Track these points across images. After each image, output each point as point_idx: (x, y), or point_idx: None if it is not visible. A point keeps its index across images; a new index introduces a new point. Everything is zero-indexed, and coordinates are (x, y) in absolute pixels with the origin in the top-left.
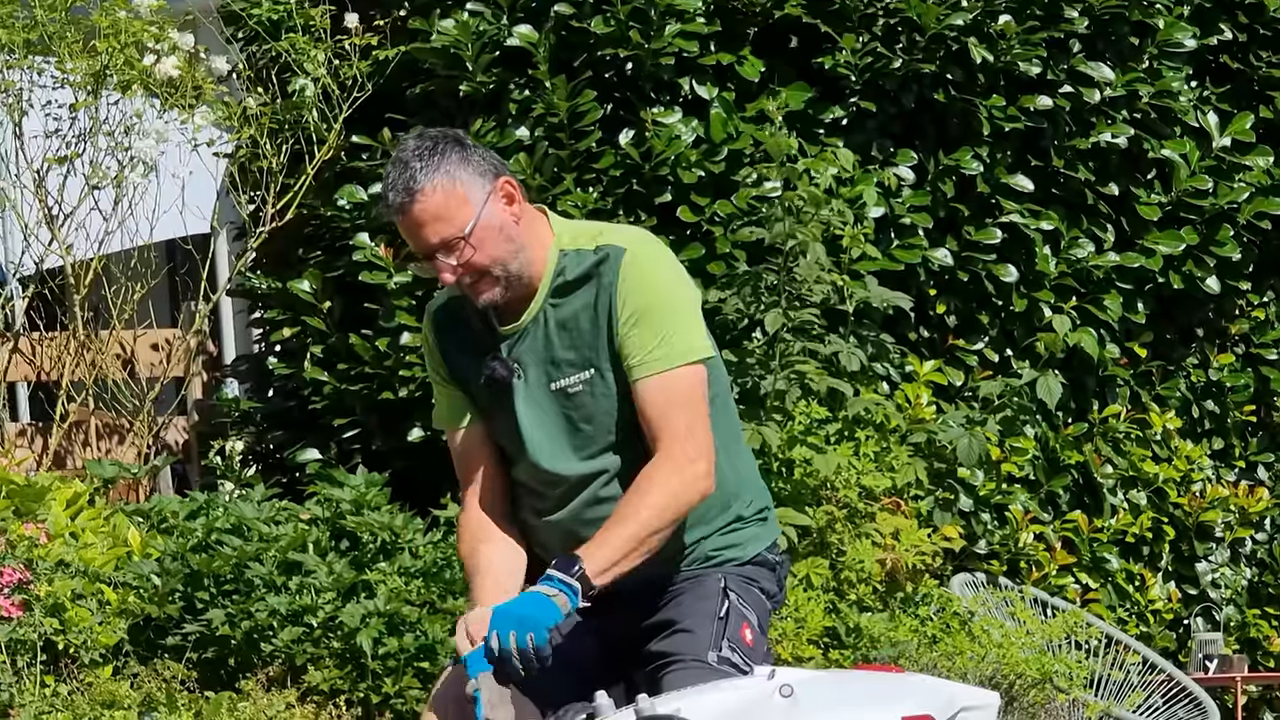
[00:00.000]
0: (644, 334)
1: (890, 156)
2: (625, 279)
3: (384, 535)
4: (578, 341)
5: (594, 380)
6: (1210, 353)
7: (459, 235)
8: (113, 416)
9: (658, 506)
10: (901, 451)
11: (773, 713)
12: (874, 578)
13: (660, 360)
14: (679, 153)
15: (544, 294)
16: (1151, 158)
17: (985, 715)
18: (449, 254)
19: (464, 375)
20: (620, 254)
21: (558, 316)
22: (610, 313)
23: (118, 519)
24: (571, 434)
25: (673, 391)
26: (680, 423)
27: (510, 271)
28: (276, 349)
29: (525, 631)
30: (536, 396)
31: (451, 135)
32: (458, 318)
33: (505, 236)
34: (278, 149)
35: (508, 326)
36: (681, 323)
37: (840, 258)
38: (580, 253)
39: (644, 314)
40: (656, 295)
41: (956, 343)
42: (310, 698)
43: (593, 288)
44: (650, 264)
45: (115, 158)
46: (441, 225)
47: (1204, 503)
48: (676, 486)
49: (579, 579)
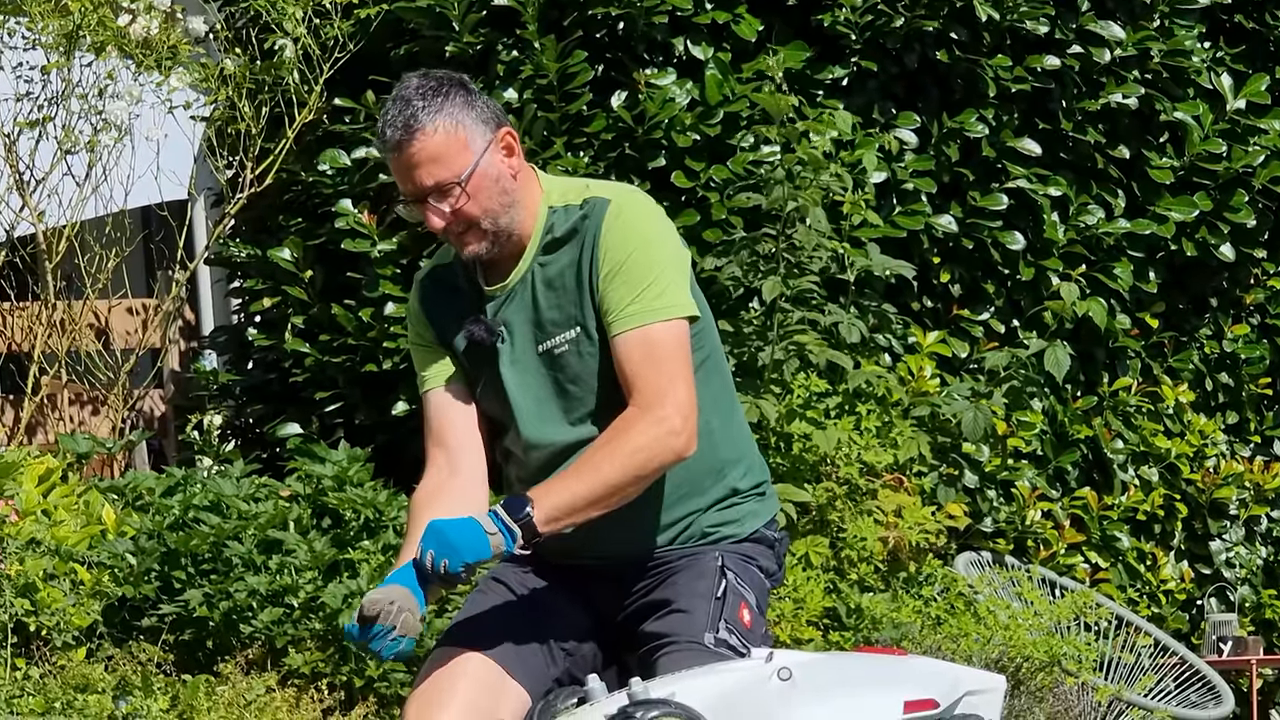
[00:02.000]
0: (622, 288)
1: (892, 119)
2: (608, 231)
3: (367, 512)
4: (563, 300)
5: (579, 339)
6: (1224, 323)
7: (454, 180)
8: (86, 389)
9: (623, 461)
10: (904, 426)
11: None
12: (876, 557)
13: (637, 315)
14: (673, 116)
15: (532, 253)
16: (1163, 120)
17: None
18: (441, 199)
19: (449, 340)
20: (604, 206)
21: (545, 275)
22: (592, 266)
23: (91, 496)
24: (559, 397)
25: (652, 346)
26: (657, 378)
27: (500, 226)
28: (256, 319)
29: (442, 557)
30: (523, 360)
31: (457, 78)
32: (447, 284)
33: (501, 189)
34: (257, 112)
35: (494, 286)
36: (663, 277)
37: (840, 224)
38: (568, 209)
39: (623, 267)
40: (638, 249)
41: (961, 313)
42: (291, 681)
43: (577, 243)
44: (634, 216)
45: (88, 121)
46: (438, 168)
47: (1218, 479)
48: (646, 442)
49: (523, 525)
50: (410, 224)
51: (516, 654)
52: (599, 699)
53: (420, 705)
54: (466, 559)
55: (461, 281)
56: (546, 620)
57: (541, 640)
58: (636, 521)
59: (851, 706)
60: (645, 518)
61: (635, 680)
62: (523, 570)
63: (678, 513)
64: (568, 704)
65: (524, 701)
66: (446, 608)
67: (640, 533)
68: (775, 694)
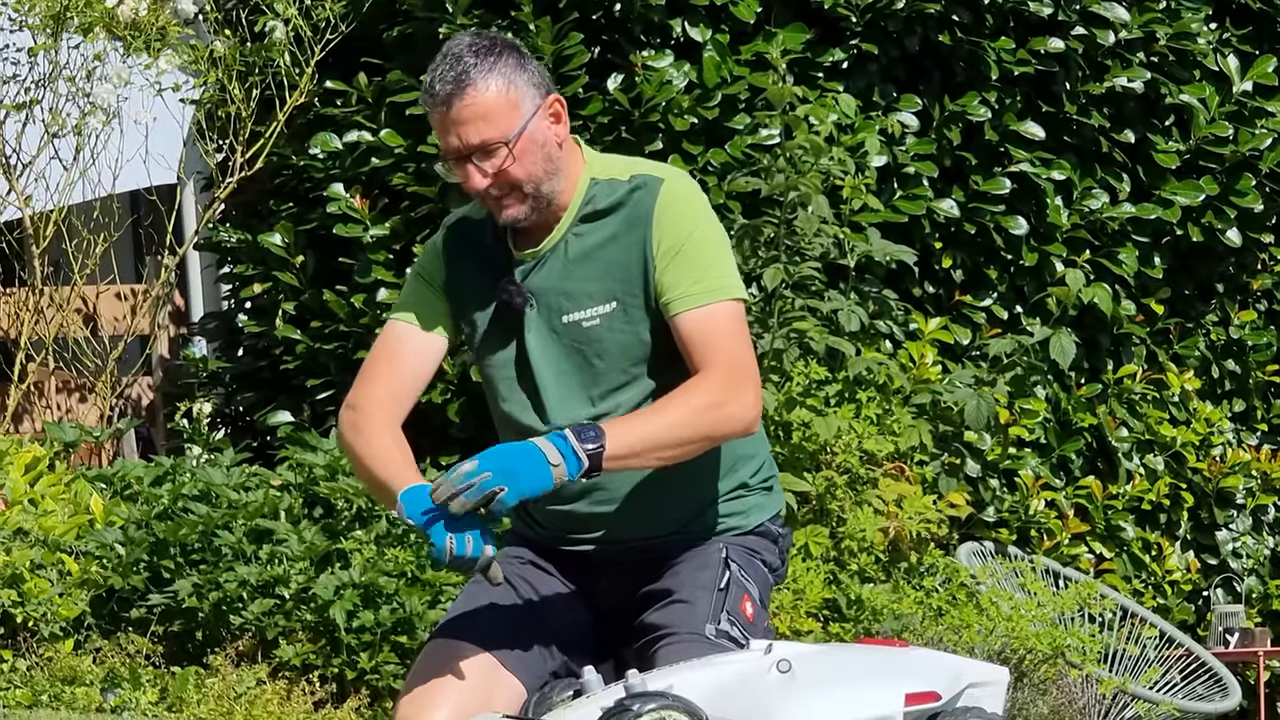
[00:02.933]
0: (685, 267)
1: (893, 102)
2: (664, 211)
3: (359, 502)
4: (600, 273)
5: (614, 315)
6: (1231, 309)
7: (501, 140)
8: (74, 376)
9: (696, 417)
10: (905, 414)
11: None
12: (876, 547)
13: (702, 294)
14: (670, 98)
15: (569, 222)
16: (1169, 103)
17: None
18: (486, 159)
19: (463, 293)
20: (657, 184)
21: (580, 246)
22: (645, 244)
23: (79, 485)
24: (582, 369)
25: (718, 320)
26: (727, 349)
27: (541, 192)
28: (246, 306)
29: (498, 483)
30: (546, 328)
31: (510, 41)
32: (475, 236)
33: (546, 155)
34: (247, 94)
35: (525, 252)
36: (722, 259)
37: (840, 209)
38: (612, 183)
39: (684, 248)
40: (698, 229)
41: (963, 299)
42: (281, 673)
43: (623, 217)
44: (691, 198)
45: (76, 104)
46: (485, 126)
47: (1224, 468)
48: (720, 401)
49: (592, 455)
50: (403, 209)
51: (512, 647)
52: (595, 691)
53: (414, 699)
54: (525, 491)
55: (489, 239)
56: (544, 613)
57: (538, 633)
58: (644, 506)
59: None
60: (653, 502)
61: (632, 672)
62: (520, 562)
63: (686, 501)
64: (563, 697)
65: (520, 695)
66: (440, 599)
67: (647, 518)
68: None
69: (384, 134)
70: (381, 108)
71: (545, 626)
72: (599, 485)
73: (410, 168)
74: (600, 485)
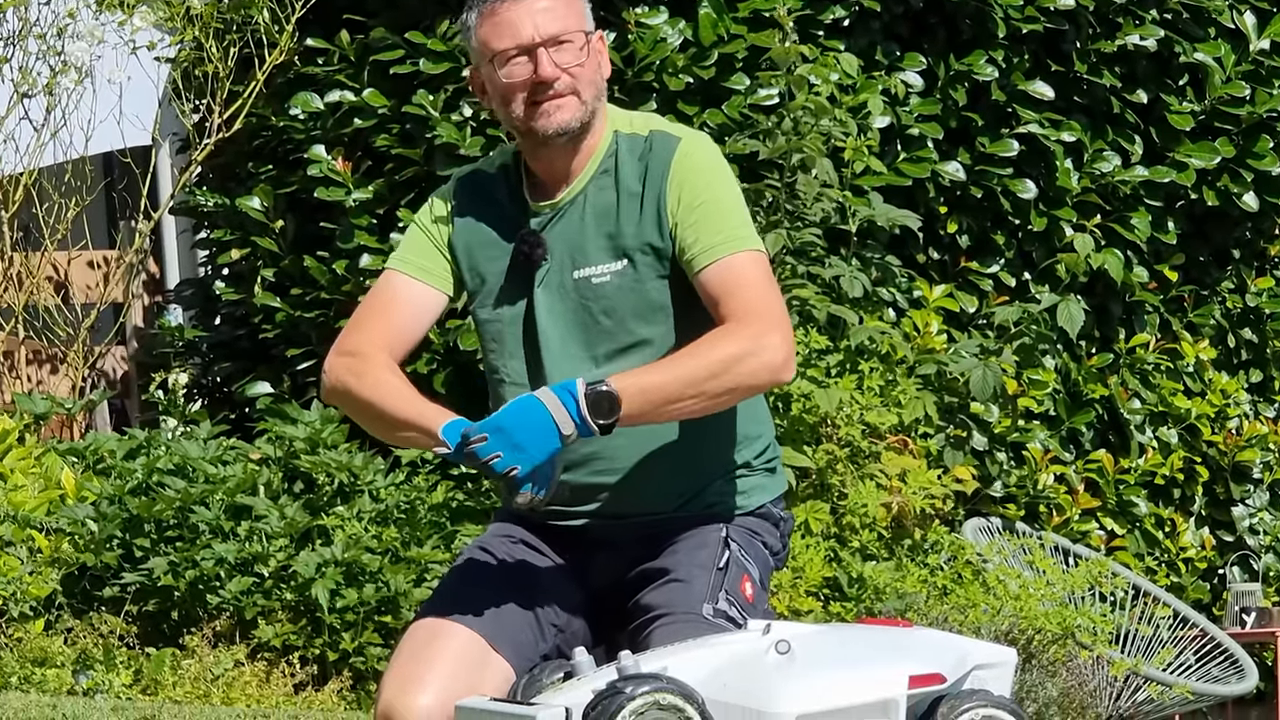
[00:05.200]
0: (705, 222)
1: (896, 61)
2: (680, 167)
3: (341, 476)
4: (613, 229)
5: (624, 271)
6: (1248, 276)
7: (581, 30)
8: (45, 346)
9: (715, 362)
10: (909, 385)
11: (767, 671)
12: (879, 523)
13: (725, 245)
14: (664, 57)
15: (591, 173)
16: (1183, 62)
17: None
18: (559, 50)
19: (473, 247)
20: (673, 142)
21: (597, 201)
22: (659, 201)
23: (50, 459)
24: (588, 328)
25: (743, 270)
26: (755, 298)
27: (591, 111)
28: (224, 272)
29: (510, 464)
30: (556, 284)
31: None
32: (485, 190)
33: (600, 76)
34: (224, 52)
35: (543, 203)
36: (740, 212)
37: (842, 172)
38: (633, 138)
39: (703, 204)
40: (716, 186)
41: (969, 265)
42: (261, 654)
43: (638, 173)
44: (708, 155)
45: (47, 63)
46: (560, 18)
47: (1240, 441)
48: (744, 351)
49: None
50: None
51: (503, 628)
52: (587, 673)
53: (398, 682)
54: (537, 460)
55: (502, 193)
56: (536, 593)
57: (529, 614)
58: (644, 477)
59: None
60: (654, 474)
61: (625, 654)
62: (511, 540)
63: (687, 475)
64: (553, 679)
65: (509, 678)
66: (426, 577)
67: (646, 491)
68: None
69: (367, 94)
70: (364, 66)
71: (537, 607)
72: (599, 455)
73: (394, 129)
74: (600, 454)
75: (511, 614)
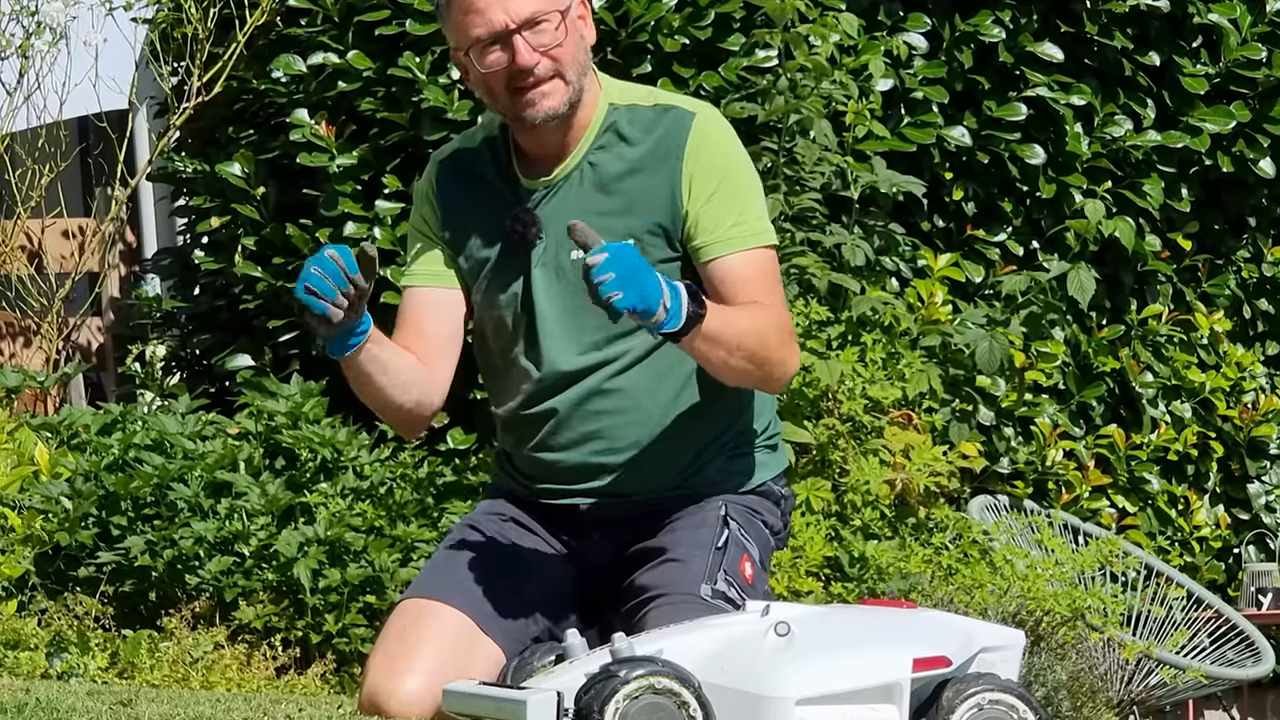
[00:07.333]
0: (721, 209)
1: (899, 21)
2: (697, 147)
3: (324, 452)
4: (620, 207)
5: None
6: (1264, 245)
7: (557, 9)
8: (17, 317)
9: (773, 337)
10: (913, 357)
11: (766, 653)
12: (882, 501)
13: (741, 238)
14: (659, 17)
15: (586, 147)
16: (1197, 23)
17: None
18: (536, 32)
19: (463, 231)
20: (688, 119)
21: (597, 176)
22: (673, 180)
23: (23, 434)
24: (588, 310)
25: (758, 267)
26: (774, 296)
27: (579, 88)
28: (203, 241)
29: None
30: (553, 264)
31: None
32: (470, 168)
33: (584, 48)
34: (204, 13)
35: (537, 180)
36: (756, 201)
37: (844, 137)
38: (634, 109)
39: (720, 188)
40: (733, 169)
41: (975, 233)
42: (241, 636)
43: (649, 149)
44: (723, 135)
45: (20, 23)
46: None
47: (1257, 415)
48: (781, 335)
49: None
50: (372, 136)
51: (493, 610)
52: (579, 656)
53: (384, 666)
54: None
55: (488, 170)
56: (527, 574)
57: (521, 595)
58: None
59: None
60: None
61: (619, 636)
62: (501, 519)
63: (688, 453)
64: (544, 662)
65: (499, 662)
66: (413, 556)
67: (646, 471)
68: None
69: (351, 56)
70: (349, 27)
71: (528, 588)
72: (598, 434)
73: (380, 92)
74: (600, 434)
75: (502, 595)
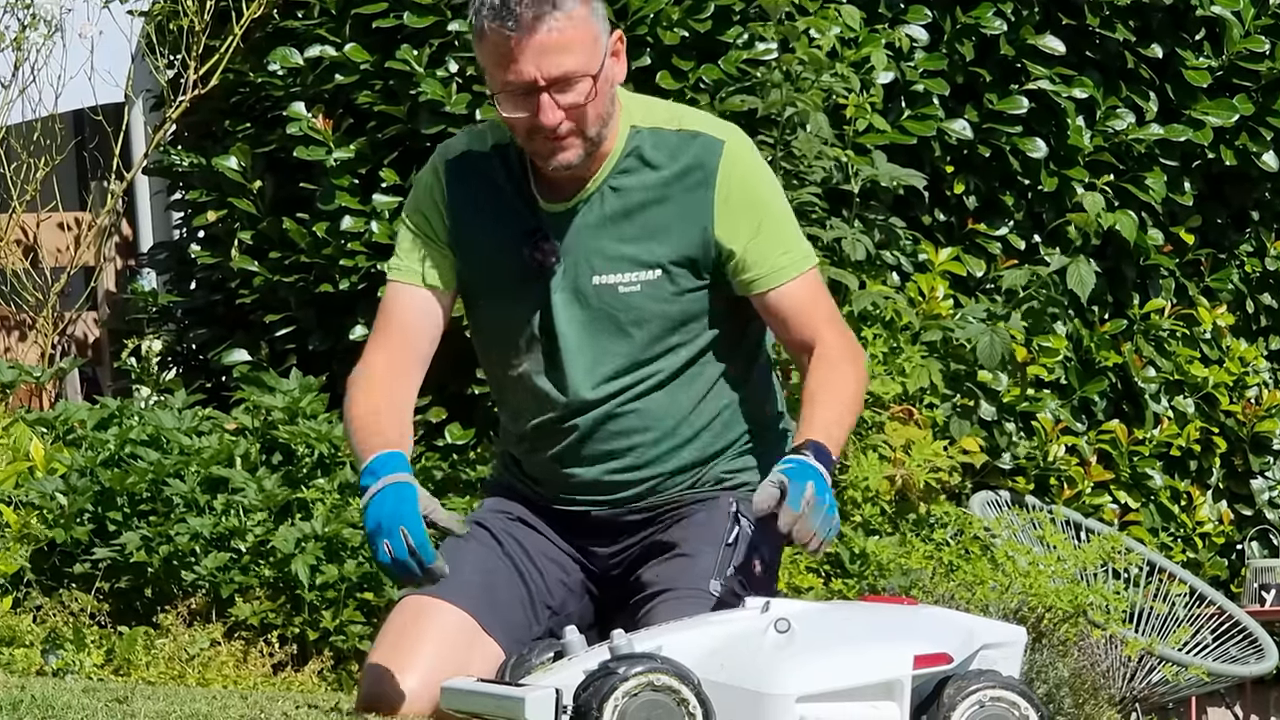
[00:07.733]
0: (769, 243)
1: (900, 13)
2: (727, 177)
3: (321, 447)
4: (644, 235)
5: (658, 283)
6: (1267, 239)
7: (587, 73)
8: (12, 312)
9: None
10: (914, 352)
11: (766, 650)
12: (882, 497)
13: (792, 265)
14: (658, 10)
15: (607, 172)
16: (1200, 15)
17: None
18: (564, 92)
19: (474, 243)
20: (717, 147)
21: (620, 203)
22: (706, 212)
23: (18, 429)
24: (614, 337)
25: (811, 289)
26: (833, 318)
27: (599, 136)
28: (199, 235)
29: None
30: (572, 288)
31: None
32: (481, 174)
33: (612, 96)
34: (201, 5)
35: (556, 204)
36: (794, 224)
37: (844, 130)
38: (658, 133)
39: (764, 223)
40: (771, 200)
41: (976, 227)
42: (238, 633)
43: (676, 177)
44: (753, 163)
45: (15, 16)
46: (569, 58)
47: (1260, 410)
48: (862, 376)
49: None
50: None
51: (494, 609)
52: (578, 653)
53: (383, 662)
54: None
55: (501, 178)
56: (531, 573)
57: (523, 594)
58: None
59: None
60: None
61: (618, 632)
62: (508, 518)
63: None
64: (543, 659)
65: (499, 661)
66: None
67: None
68: (772, 647)
69: (349, 48)
70: (346, 20)
71: (531, 587)
72: (616, 453)
73: (377, 85)
74: (618, 453)
75: (504, 594)
